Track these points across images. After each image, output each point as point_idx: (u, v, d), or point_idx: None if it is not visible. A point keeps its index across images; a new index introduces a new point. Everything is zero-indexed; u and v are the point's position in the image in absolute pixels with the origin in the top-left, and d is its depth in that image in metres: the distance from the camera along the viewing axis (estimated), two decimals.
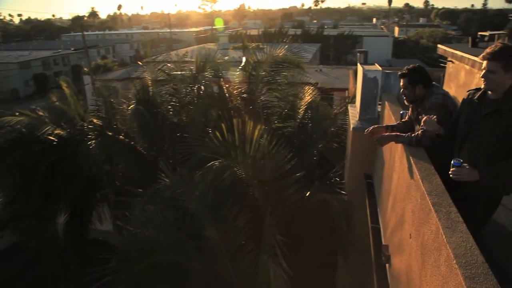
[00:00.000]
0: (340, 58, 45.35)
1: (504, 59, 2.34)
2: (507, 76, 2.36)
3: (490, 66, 2.40)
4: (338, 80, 19.65)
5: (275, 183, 6.16)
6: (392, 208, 3.47)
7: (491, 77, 2.41)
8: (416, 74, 3.20)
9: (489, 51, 2.41)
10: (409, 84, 3.23)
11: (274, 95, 9.19)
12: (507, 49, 2.35)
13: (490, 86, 2.45)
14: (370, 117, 5.42)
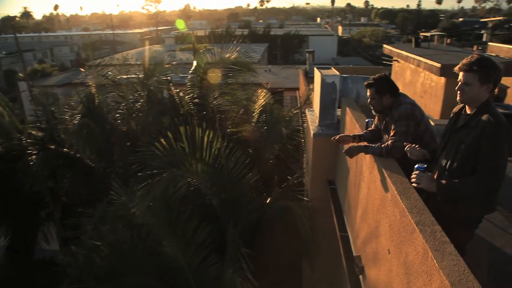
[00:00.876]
0: (287, 57, 45.92)
1: (481, 71, 2.25)
2: (483, 89, 2.28)
3: (466, 78, 2.30)
4: (288, 79, 19.81)
5: (233, 190, 5.97)
6: (363, 219, 3.37)
7: (466, 89, 2.31)
8: (383, 83, 3.12)
9: (465, 62, 2.30)
10: (376, 94, 3.13)
11: (226, 98, 8.96)
12: (484, 60, 2.27)
13: (465, 99, 2.36)
14: (330, 122, 5.36)
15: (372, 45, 50.84)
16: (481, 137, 2.22)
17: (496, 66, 2.29)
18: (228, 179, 5.88)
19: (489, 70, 2.25)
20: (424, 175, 2.32)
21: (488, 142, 2.21)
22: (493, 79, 2.28)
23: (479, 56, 2.31)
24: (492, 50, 12.86)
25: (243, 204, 5.88)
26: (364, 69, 17.94)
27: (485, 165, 2.23)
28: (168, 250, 5.18)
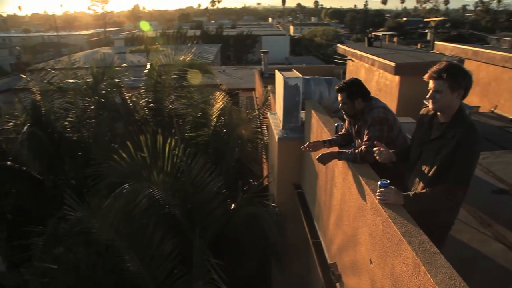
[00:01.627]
0: (241, 57, 45.89)
1: (451, 78, 2.22)
2: (454, 95, 2.26)
3: (436, 85, 2.27)
4: (243, 80, 19.70)
5: (197, 198, 5.74)
6: (337, 226, 3.27)
7: (438, 97, 2.28)
8: (355, 88, 3.02)
9: (434, 70, 2.28)
10: (348, 98, 3.04)
11: (183, 102, 8.67)
12: (453, 67, 2.25)
13: (438, 106, 2.33)
14: (294, 125, 5.25)
15: (323, 44, 51.99)
16: (457, 149, 2.22)
17: (465, 72, 2.27)
18: (191, 188, 5.64)
19: (458, 77, 2.24)
20: (390, 190, 2.29)
21: (463, 155, 2.22)
22: (463, 85, 2.26)
23: (448, 63, 2.29)
24: (438, 49, 13.45)
25: (207, 212, 5.67)
26: (319, 68, 18.22)
27: (456, 178, 2.24)
28: (131, 266, 4.87)
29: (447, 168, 2.25)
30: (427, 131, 2.47)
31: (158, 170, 5.25)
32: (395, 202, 2.28)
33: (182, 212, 5.63)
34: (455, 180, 2.23)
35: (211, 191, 5.80)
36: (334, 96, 5.53)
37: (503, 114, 11.03)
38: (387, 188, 2.30)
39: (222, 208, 5.81)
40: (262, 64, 16.85)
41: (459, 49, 12.30)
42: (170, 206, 5.67)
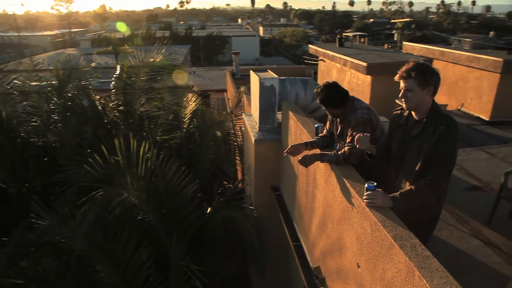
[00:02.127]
0: (211, 58, 45.58)
1: (419, 76, 2.30)
2: (424, 93, 2.34)
3: (407, 84, 2.36)
4: (214, 81, 19.57)
5: (171, 203, 5.58)
6: (320, 229, 3.20)
7: (409, 95, 2.36)
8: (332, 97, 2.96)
9: (403, 70, 2.36)
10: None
11: (154, 104, 8.43)
12: (420, 65, 2.34)
13: (411, 105, 2.41)
14: (271, 127, 5.17)
15: (293, 44, 52.36)
16: (439, 142, 2.29)
17: (432, 69, 2.37)
18: (165, 192, 5.47)
19: (426, 74, 2.32)
20: (377, 193, 2.28)
21: (445, 147, 2.29)
22: (432, 82, 2.35)
23: (415, 62, 2.38)
24: (407, 49, 13.77)
25: (183, 217, 5.52)
26: (290, 69, 18.27)
27: (438, 169, 2.31)
28: (104, 277, 4.65)
29: (430, 161, 2.32)
30: (405, 130, 2.52)
31: (132, 175, 5.04)
32: (383, 205, 2.24)
33: (157, 217, 5.45)
34: (438, 172, 2.31)
35: (186, 195, 5.65)
36: (311, 97, 5.50)
37: (469, 112, 11.40)
38: (374, 191, 2.26)
39: (198, 212, 5.67)
40: (234, 65, 16.77)
41: (427, 50, 12.63)
42: (144, 212, 5.48)
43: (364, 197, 2.27)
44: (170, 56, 8.63)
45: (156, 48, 8.42)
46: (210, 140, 8.02)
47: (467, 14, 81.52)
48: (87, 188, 5.27)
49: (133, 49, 8.82)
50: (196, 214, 5.62)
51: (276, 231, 4.81)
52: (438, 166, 2.31)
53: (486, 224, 4.11)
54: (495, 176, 5.26)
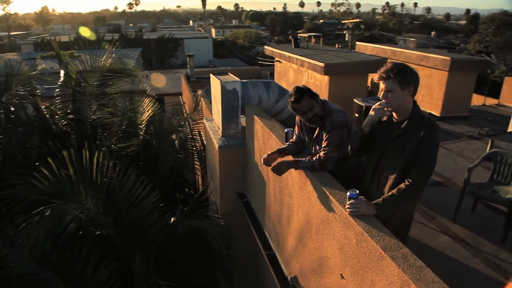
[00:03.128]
0: (163, 62, 44.60)
1: (398, 76, 2.26)
2: (404, 93, 2.30)
3: (387, 85, 2.30)
4: (168, 85, 19.08)
5: (131, 216, 5.26)
6: (296, 238, 3.07)
7: (390, 96, 2.30)
8: (310, 90, 2.82)
9: (382, 70, 2.31)
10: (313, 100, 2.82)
11: (107, 111, 7.98)
12: (399, 65, 2.31)
13: (392, 106, 2.35)
14: (235, 132, 4.98)
15: (246, 46, 52.47)
16: (421, 143, 2.27)
17: (411, 69, 2.33)
18: (124, 204, 5.13)
19: (405, 74, 2.29)
20: (361, 201, 2.20)
21: (427, 150, 2.28)
22: (412, 82, 2.31)
23: (393, 63, 2.35)
24: (360, 49, 14.11)
25: (144, 229, 5.21)
26: (246, 70, 18.18)
27: (420, 171, 2.29)
28: None
29: (412, 163, 2.30)
30: (386, 130, 2.46)
31: (86, 187, 4.68)
32: (367, 213, 2.15)
33: (117, 232, 5.10)
34: (419, 175, 2.29)
35: (147, 206, 5.35)
36: (274, 99, 5.38)
37: (421, 109, 11.84)
38: (357, 200, 2.16)
39: (161, 223, 5.39)
40: (188, 67, 16.43)
41: (379, 49, 13.00)
42: (103, 227, 5.12)
43: (347, 206, 2.16)
44: (121, 59, 8.22)
45: (106, 51, 7.97)
46: (168, 147, 7.72)
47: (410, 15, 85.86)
48: (37, 205, 4.84)
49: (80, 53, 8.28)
50: (159, 225, 5.34)
51: (246, 239, 4.63)
52: (420, 168, 2.29)
53: (452, 220, 4.19)
54: (455, 171, 5.43)
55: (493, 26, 40.98)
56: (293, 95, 2.77)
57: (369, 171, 2.57)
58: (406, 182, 2.28)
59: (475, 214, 4.33)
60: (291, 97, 2.77)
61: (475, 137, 7.46)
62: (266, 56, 31.70)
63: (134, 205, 5.19)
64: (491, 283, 3.32)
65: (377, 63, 9.91)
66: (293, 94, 2.78)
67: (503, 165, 4.13)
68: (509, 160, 4.09)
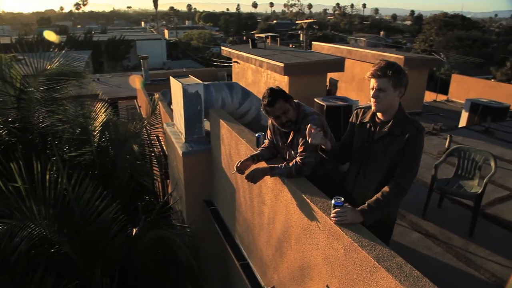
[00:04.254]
0: (115, 64, 43.08)
1: (393, 75, 2.16)
2: (396, 94, 2.21)
3: (380, 83, 2.18)
4: (121, 88, 18.38)
5: (90, 229, 4.89)
6: (273, 247, 2.92)
7: (382, 96, 2.19)
8: (282, 92, 2.65)
9: (377, 68, 2.19)
10: (286, 103, 2.64)
11: (57, 117, 7.45)
12: (394, 64, 2.20)
13: (382, 106, 2.24)
14: (198, 137, 4.75)
15: (200, 47, 51.84)
16: (407, 145, 2.21)
17: (404, 70, 2.25)
18: (82, 218, 4.76)
19: (400, 74, 2.19)
20: (346, 209, 2.08)
21: (412, 152, 2.22)
22: (404, 83, 2.23)
23: (387, 61, 2.23)
24: (316, 48, 14.27)
25: (106, 243, 4.87)
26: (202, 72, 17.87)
27: (405, 174, 2.25)
28: None
29: (396, 165, 2.24)
30: (369, 130, 2.36)
31: (38, 203, 4.29)
32: (354, 221, 2.04)
33: (75, 249, 4.73)
34: (404, 176, 2.23)
35: (107, 218, 5.01)
36: (238, 102, 5.21)
37: None
38: (342, 208, 2.04)
39: (122, 236, 5.07)
40: (142, 70, 15.89)
41: (335, 49, 13.20)
42: (59, 244, 4.72)
43: (332, 215, 2.04)
44: (70, 63, 7.71)
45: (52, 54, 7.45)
46: (126, 153, 7.32)
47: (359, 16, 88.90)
48: None
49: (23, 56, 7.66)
50: (121, 238, 5.02)
51: (216, 249, 4.44)
52: (405, 170, 2.22)
53: (422, 216, 4.22)
54: (419, 167, 5.52)
55: (435, 26, 43.38)
56: (266, 97, 2.60)
57: (352, 173, 2.46)
58: (390, 184, 2.21)
59: (441, 209, 4.41)
60: (264, 99, 2.60)
61: (432, 133, 7.69)
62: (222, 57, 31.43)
63: (92, 219, 4.84)
64: (464, 277, 3.36)
65: (335, 63, 10.04)
66: (266, 96, 2.60)
67: (466, 161, 4.22)
68: (471, 156, 4.19)
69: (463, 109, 9.71)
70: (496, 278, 3.35)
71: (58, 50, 8.06)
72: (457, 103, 13.13)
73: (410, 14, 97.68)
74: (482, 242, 3.85)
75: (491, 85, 13.49)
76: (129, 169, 7.26)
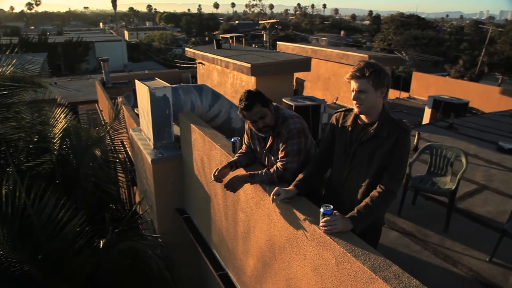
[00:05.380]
0: (73, 67, 41.45)
1: (373, 76, 2.06)
2: (377, 94, 2.11)
3: (360, 85, 2.08)
4: (81, 92, 17.70)
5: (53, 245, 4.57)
6: (255, 257, 2.78)
7: (363, 97, 2.10)
8: (260, 94, 2.49)
9: (356, 69, 2.09)
10: (264, 107, 2.47)
11: (11, 125, 6.98)
12: (373, 65, 2.10)
13: (364, 108, 2.14)
14: (167, 142, 4.52)
15: (162, 48, 50.90)
16: (395, 147, 2.12)
17: (384, 69, 2.15)
18: (43, 233, 4.43)
19: (380, 74, 2.10)
20: (336, 217, 1.97)
21: (400, 154, 2.14)
22: (385, 83, 2.13)
23: (367, 61, 2.13)
24: (281, 48, 14.28)
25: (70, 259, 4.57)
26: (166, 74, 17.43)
27: (395, 175, 2.16)
28: None
29: (385, 166, 2.16)
30: (352, 134, 2.26)
31: None
32: (344, 229, 1.93)
33: (37, 266, 4.40)
34: (393, 178, 2.15)
35: (71, 232, 4.70)
36: (207, 104, 5.04)
37: (344, 104, 12.30)
38: (332, 216, 1.93)
39: (89, 249, 4.77)
40: (103, 73, 15.34)
41: (300, 48, 13.25)
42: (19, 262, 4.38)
43: (322, 224, 1.93)
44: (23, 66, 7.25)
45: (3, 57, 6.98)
46: (90, 161, 6.96)
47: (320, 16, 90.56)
48: None
49: None
50: (88, 252, 4.72)
51: (192, 259, 4.25)
52: (393, 173, 2.14)
53: (397, 214, 4.23)
54: None
55: (393, 26, 44.89)
56: (243, 100, 2.43)
57: (336, 179, 2.36)
58: (378, 188, 2.13)
59: (416, 206, 4.45)
60: (241, 103, 2.44)
61: None
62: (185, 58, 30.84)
63: (55, 233, 4.52)
64: (444, 274, 3.37)
65: (302, 62, 10.05)
66: (243, 99, 2.44)
67: (438, 158, 4.27)
68: (443, 152, 4.24)
69: (426, 106, 10.00)
70: (474, 272, 3.39)
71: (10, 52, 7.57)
72: (418, 100, 13.54)
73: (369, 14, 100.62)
74: (457, 237, 3.90)
75: (449, 82, 14.03)
76: (93, 177, 6.92)
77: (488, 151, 6.53)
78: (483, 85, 13.83)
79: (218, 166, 2.77)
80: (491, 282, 3.29)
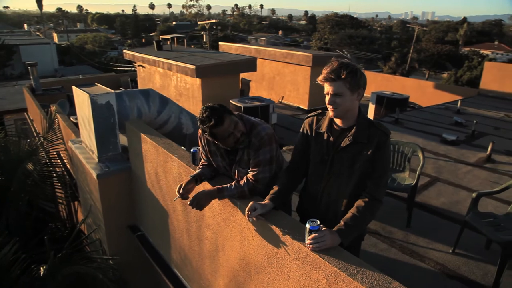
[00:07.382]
0: None
1: (350, 77, 1.87)
2: (354, 97, 1.93)
3: (336, 88, 1.89)
4: (7, 100, 16.22)
5: None
6: (227, 277, 2.52)
7: (338, 101, 1.91)
8: (223, 107, 2.20)
9: (329, 70, 1.88)
10: (234, 118, 2.19)
11: None
12: (348, 65, 1.90)
13: (340, 112, 1.96)
14: (114, 154, 4.10)
15: (96, 51, 48.43)
16: (377, 151, 1.96)
17: (360, 69, 1.97)
18: None
19: (357, 75, 1.91)
20: (324, 232, 1.79)
21: (383, 157, 1.99)
22: (362, 84, 1.95)
23: (340, 61, 1.92)
24: (223, 49, 14.01)
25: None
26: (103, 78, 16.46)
27: (378, 183, 2.00)
28: None
29: (367, 173, 1.99)
30: (328, 140, 2.06)
31: None
32: (333, 245, 1.75)
33: None
34: (378, 185, 1.99)
35: (4, 261, 4.16)
36: (156, 110, 4.69)
37: (290, 103, 12.34)
38: (320, 231, 1.74)
39: (27, 278, 4.25)
40: (32, 78, 14.11)
41: (243, 48, 13.09)
42: None
43: (309, 242, 1.73)
44: None
45: None
46: (21, 177, 6.27)
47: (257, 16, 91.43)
48: None
49: None
50: (25, 281, 4.20)
51: (150, 280, 3.88)
52: (377, 180, 1.98)
53: None
54: None
55: (328, 25, 46.48)
56: (209, 117, 2.10)
57: (315, 189, 2.17)
58: (364, 197, 1.97)
59: None
60: (208, 122, 2.10)
61: None
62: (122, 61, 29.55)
63: None
64: (413, 270, 3.37)
65: (247, 63, 9.88)
66: (208, 116, 2.10)
67: (396, 154, 4.29)
68: (400, 148, 4.27)
69: (370, 102, 10.29)
70: (440, 265, 3.42)
71: None
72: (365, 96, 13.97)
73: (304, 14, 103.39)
74: (419, 232, 3.94)
75: (387, 78, 14.64)
76: (27, 195, 6.25)
77: (434, 143, 6.80)
78: (417, 80, 14.57)
79: (176, 179, 2.47)
80: (457, 273, 3.33)
